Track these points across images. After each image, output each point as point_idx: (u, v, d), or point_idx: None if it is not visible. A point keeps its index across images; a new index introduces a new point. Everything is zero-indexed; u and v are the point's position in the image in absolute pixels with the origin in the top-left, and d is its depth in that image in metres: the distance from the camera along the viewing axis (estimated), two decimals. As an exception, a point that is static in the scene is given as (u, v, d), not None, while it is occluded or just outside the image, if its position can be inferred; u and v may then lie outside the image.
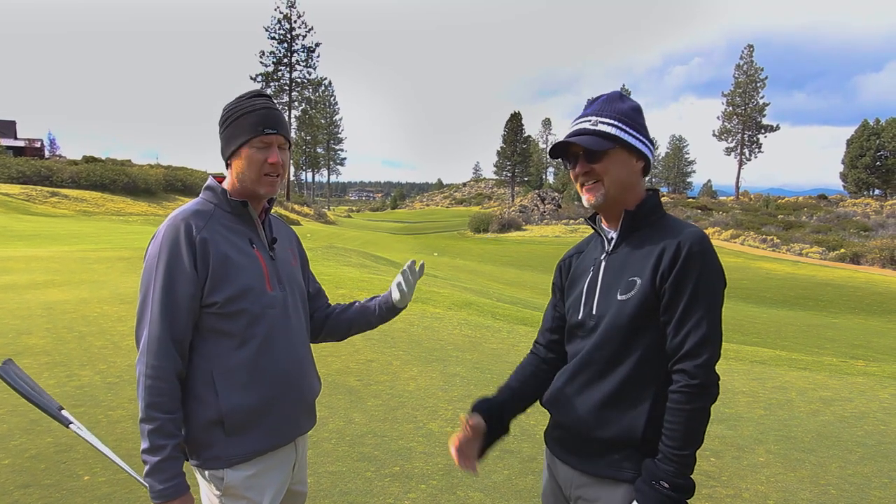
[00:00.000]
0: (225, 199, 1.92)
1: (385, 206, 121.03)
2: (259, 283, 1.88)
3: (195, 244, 1.80)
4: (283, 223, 2.18)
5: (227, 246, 1.85)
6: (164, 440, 1.74)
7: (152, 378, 1.75)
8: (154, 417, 1.74)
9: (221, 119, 1.93)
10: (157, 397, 1.74)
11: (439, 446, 4.34)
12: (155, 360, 1.75)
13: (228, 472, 1.84)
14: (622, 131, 1.78)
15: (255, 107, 1.89)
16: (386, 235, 47.34)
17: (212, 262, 1.81)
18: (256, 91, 1.94)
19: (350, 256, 18.16)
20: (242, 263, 1.86)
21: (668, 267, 1.67)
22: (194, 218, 1.85)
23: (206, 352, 1.83)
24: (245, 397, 1.83)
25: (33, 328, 6.67)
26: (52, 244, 15.65)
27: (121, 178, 40.11)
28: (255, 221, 1.96)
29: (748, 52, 75.64)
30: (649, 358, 1.71)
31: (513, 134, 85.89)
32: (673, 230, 1.73)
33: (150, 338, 1.76)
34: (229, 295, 1.82)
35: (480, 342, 7.46)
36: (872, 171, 71.72)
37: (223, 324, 1.83)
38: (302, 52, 65.17)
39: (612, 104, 1.83)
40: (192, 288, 1.79)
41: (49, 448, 3.97)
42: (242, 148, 1.88)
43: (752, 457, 4.47)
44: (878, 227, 41.80)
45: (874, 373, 7.52)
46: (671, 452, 1.63)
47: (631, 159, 1.79)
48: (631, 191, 1.81)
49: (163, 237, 1.82)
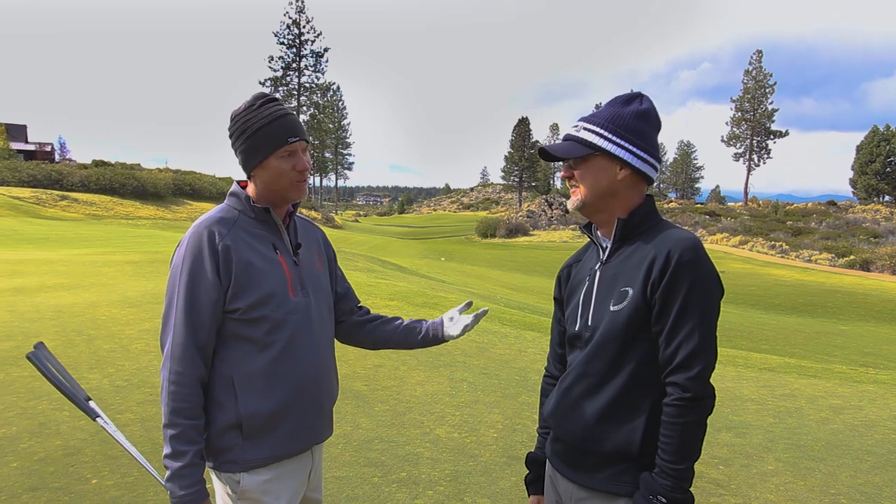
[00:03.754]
0: (249, 206, 1.93)
1: (392, 211, 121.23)
2: (282, 288, 1.89)
3: (218, 251, 1.82)
4: (310, 223, 2.17)
5: (250, 252, 1.86)
6: (186, 446, 1.75)
7: (176, 384, 1.77)
8: (177, 423, 1.75)
9: (237, 131, 1.90)
10: (180, 403, 1.76)
11: (446, 452, 4.32)
12: (179, 367, 1.77)
13: (244, 475, 1.85)
14: (603, 139, 1.73)
15: (273, 115, 1.88)
16: (393, 240, 47.39)
17: (234, 269, 1.82)
18: (265, 97, 1.92)
19: (357, 261, 18.18)
20: (265, 269, 1.87)
21: (659, 276, 1.63)
22: (217, 225, 1.86)
23: (227, 357, 1.85)
24: (264, 402, 1.84)
25: (43, 331, 6.70)
26: (62, 247, 15.74)
27: (130, 182, 40.33)
28: (279, 226, 1.97)
29: (757, 58, 75.43)
30: (644, 369, 1.68)
31: (520, 139, 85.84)
32: (665, 238, 1.68)
33: (174, 344, 1.78)
34: (252, 301, 1.83)
35: (488, 347, 7.45)
36: (882, 177, 71.21)
37: (245, 329, 1.84)
38: (311, 57, 65.54)
39: (612, 107, 1.78)
40: (214, 295, 1.81)
41: (57, 451, 3.98)
42: (268, 160, 1.88)
43: (762, 465, 4.43)
44: (888, 234, 41.47)
45: (884, 381, 7.45)
46: (668, 466, 1.60)
47: (612, 167, 1.74)
48: (615, 198, 1.77)
49: (187, 245, 1.83)
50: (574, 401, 1.78)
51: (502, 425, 4.91)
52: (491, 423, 4.93)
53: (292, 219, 2.03)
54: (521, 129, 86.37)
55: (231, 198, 1.96)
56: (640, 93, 1.81)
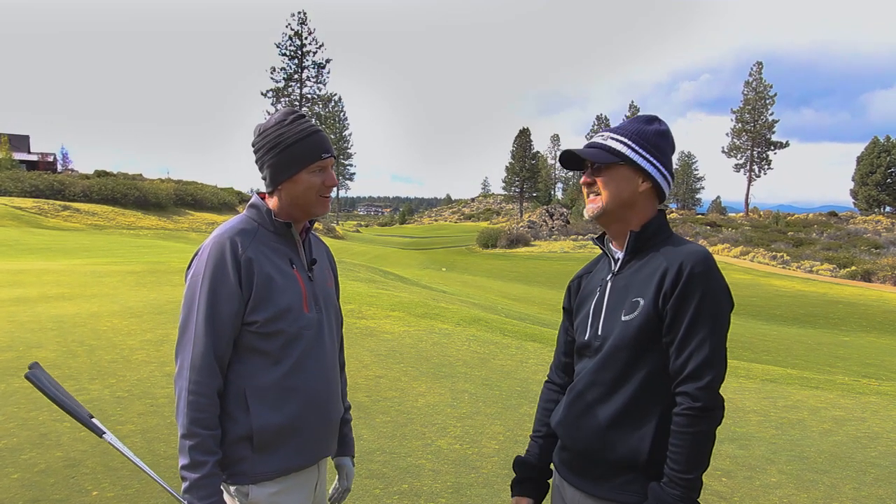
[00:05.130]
0: (269, 219, 1.94)
1: (394, 221, 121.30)
2: (297, 304, 1.90)
3: (241, 263, 1.82)
4: (321, 241, 2.19)
5: (270, 266, 1.88)
6: (205, 457, 1.75)
7: (195, 394, 1.76)
8: (196, 433, 1.75)
9: (266, 145, 1.91)
10: (199, 413, 1.76)
11: (448, 464, 4.31)
12: (198, 377, 1.77)
13: (253, 488, 1.85)
14: (630, 149, 1.78)
15: (307, 131, 1.90)
16: (394, 250, 47.40)
17: (255, 282, 1.83)
18: (294, 113, 1.94)
19: (359, 271, 18.18)
20: (283, 284, 1.88)
21: (671, 287, 1.66)
22: (240, 236, 1.87)
23: (240, 369, 1.85)
24: (275, 416, 1.84)
25: (44, 341, 6.70)
26: (64, 258, 15.75)
27: (132, 193, 40.40)
28: (297, 242, 1.99)
29: (757, 69, 75.72)
30: (654, 379, 1.70)
31: (521, 150, 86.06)
32: (677, 250, 1.72)
33: (195, 354, 1.78)
34: (269, 315, 1.84)
35: (489, 359, 7.44)
36: (883, 188, 71.29)
37: (260, 343, 1.85)
38: (312, 69, 65.74)
39: (636, 124, 1.84)
40: (236, 305, 1.81)
41: (58, 462, 3.97)
42: (300, 174, 1.90)
43: (765, 477, 4.41)
44: (889, 245, 41.46)
45: (887, 392, 7.43)
46: (676, 476, 1.61)
47: (635, 178, 1.79)
48: (632, 209, 1.80)
49: (209, 254, 1.83)
50: (583, 409, 1.79)
51: (504, 437, 4.89)
52: (492, 435, 4.92)
53: (308, 234, 2.05)
54: (522, 140, 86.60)
55: (251, 209, 1.97)
56: (657, 116, 1.88)
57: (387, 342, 7.70)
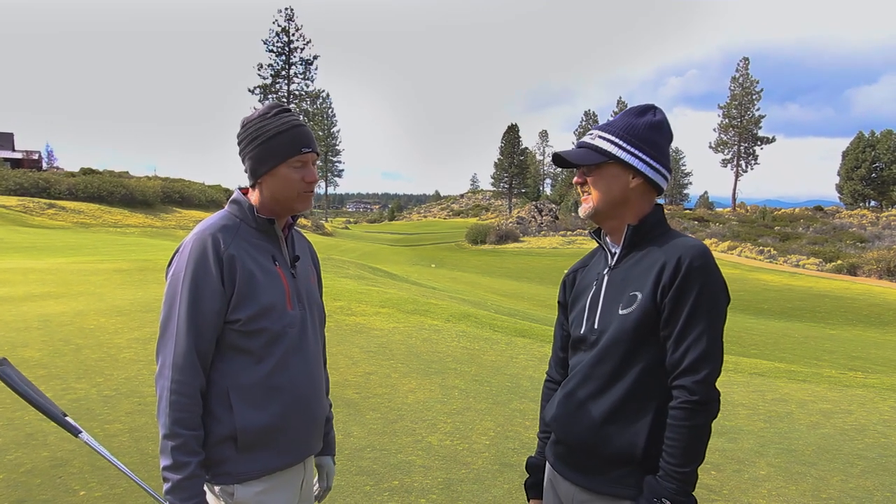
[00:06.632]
0: (251, 215, 1.91)
1: (383, 218, 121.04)
2: (280, 301, 1.87)
3: (223, 260, 1.79)
4: (304, 237, 2.16)
5: (253, 263, 1.84)
6: (188, 457, 1.72)
7: (177, 394, 1.73)
8: (178, 434, 1.72)
9: (248, 137, 1.89)
10: (182, 413, 1.73)
11: (438, 460, 4.31)
12: (180, 376, 1.73)
13: (238, 487, 1.83)
14: (618, 147, 1.77)
15: (288, 125, 1.88)
16: (384, 247, 47.34)
17: (238, 279, 1.80)
18: (280, 106, 1.92)
19: (348, 268, 18.12)
20: (266, 281, 1.85)
21: (669, 281, 1.66)
22: (221, 233, 1.84)
23: (223, 368, 1.82)
24: (259, 415, 1.82)
25: (30, 340, 6.63)
26: (49, 256, 15.60)
27: (118, 190, 40.11)
28: (280, 238, 1.95)
29: (744, 65, 76.09)
30: (650, 373, 1.70)
31: (510, 146, 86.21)
32: (675, 245, 1.72)
33: (177, 353, 1.74)
34: (252, 313, 1.81)
35: (479, 354, 7.44)
36: (868, 182, 72.05)
37: (243, 341, 1.82)
38: (300, 65, 65.41)
39: (626, 118, 1.82)
40: (218, 303, 1.78)
41: (45, 462, 3.93)
42: (279, 167, 1.87)
43: (754, 470, 4.44)
44: (874, 239, 41.86)
45: (873, 384, 7.50)
46: (672, 469, 1.62)
47: (625, 175, 1.78)
48: (626, 206, 1.80)
49: (190, 251, 1.79)
50: (578, 403, 1.79)
51: (494, 432, 4.90)
52: (483, 431, 4.92)
53: (291, 231, 2.02)
54: (510, 136, 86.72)
55: (232, 205, 1.94)
56: (653, 105, 1.85)
57: (376, 339, 7.68)
